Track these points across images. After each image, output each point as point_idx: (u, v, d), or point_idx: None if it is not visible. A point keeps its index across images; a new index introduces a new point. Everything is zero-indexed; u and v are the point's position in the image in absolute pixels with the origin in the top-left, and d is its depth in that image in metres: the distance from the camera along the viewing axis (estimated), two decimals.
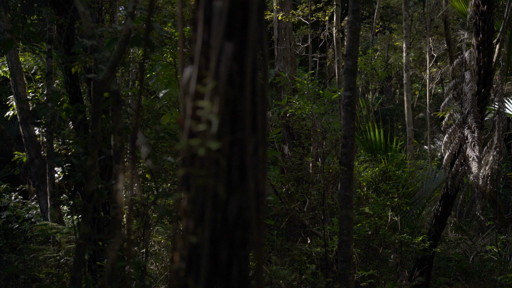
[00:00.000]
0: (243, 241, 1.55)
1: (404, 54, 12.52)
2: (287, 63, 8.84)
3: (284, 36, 8.90)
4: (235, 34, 1.60)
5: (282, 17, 8.74)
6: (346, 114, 5.10)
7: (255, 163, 1.61)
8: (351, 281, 4.95)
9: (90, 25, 3.60)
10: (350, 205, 5.05)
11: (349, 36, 5.16)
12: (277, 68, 8.89)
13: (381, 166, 7.30)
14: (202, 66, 1.60)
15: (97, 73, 3.48)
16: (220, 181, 1.53)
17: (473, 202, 6.85)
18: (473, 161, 6.57)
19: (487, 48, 6.28)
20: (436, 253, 8.83)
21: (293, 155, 7.74)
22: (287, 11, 8.79)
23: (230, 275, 1.53)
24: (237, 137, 1.57)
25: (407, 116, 11.92)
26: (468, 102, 6.51)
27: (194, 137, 1.55)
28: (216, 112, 1.53)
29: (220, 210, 1.53)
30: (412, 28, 21.70)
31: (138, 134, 1.85)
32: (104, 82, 3.29)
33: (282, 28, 8.90)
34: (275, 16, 8.93)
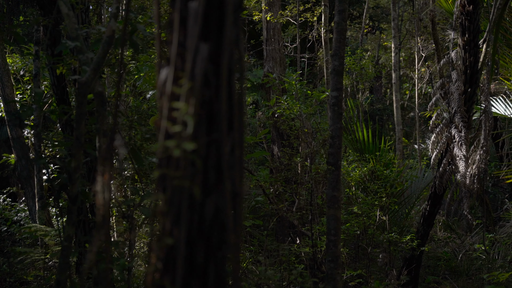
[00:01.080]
0: (219, 242, 1.55)
1: (393, 54, 12.56)
2: (276, 64, 8.84)
3: (273, 37, 8.90)
4: (211, 35, 1.60)
5: (271, 17, 8.74)
6: (333, 114, 5.11)
7: (231, 164, 1.61)
8: (339, 281, 4.96)
9: (74, 27, 3.59)
10: (337, 205, 5.05)
11: (336, 37, 5.17)
12: (266, 69, 8.89)
13: (369, 166, 7.32)
14: (178, 67, 1.60)
15: (81, 75, 3.48)
16: (196, 182, 1.53)
17: (460, 201, 6.87)
18: (460, 160, 6.60)
19: (473, 48, 6.31)
20: (425, 252, 8.87)
21: (282, 155, 7.75)
22: (275, 12, 8.79)
23: (207, 276, 1.53)
24: (213, 138, 1.57)
25: (396, 116, 11.95)
26: (455, 102, 6.54)
27: (170, 138, 1.55)
28: (191, 113, 1.53)
29: (197, 211, 1.53)
30: (402, 28, 21.78)
31: (116, 135, 1.84)
32: (88, 83, 3.28)
33: (271, 28, 8.90)
34: (264, 16, 8.93)
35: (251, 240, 7.22)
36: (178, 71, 1.59)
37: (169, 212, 1.53)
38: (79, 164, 3.28)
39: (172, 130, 1.53)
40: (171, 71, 1.60)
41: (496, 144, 11.84)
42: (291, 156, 7.16)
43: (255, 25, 10.53)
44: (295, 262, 6.26)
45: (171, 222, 1.53)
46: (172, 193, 1.53)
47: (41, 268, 6.66)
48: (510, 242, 8.38)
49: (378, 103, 19.88)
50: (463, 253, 8.36)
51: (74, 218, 3.29)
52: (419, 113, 14.02)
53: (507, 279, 5.80)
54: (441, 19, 14.88)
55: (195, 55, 1.57)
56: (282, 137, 8.31)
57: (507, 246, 8.23)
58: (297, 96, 6.90)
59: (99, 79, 4.02)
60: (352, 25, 23.09)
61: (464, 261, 8.15)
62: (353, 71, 13.60)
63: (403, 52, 22.66)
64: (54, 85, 5.83)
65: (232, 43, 1.63)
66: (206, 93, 1.57)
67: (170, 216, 1.53)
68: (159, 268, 1.52)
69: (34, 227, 6.97)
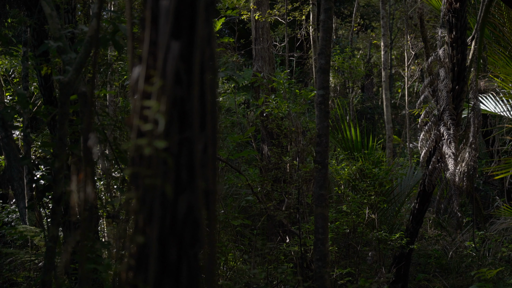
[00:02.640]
0: (192, 240, 1.55)
1: (382, 53, 12.58)
2: (265, 63, 8.84)
3: (261, 36, 8.91)
4: (182, 33, 1.60)
5: (259, 16, 8.74)
6: (320, 112, 5.12)
7: (204, 162, 1.61)
8: (327, 279, 4.97)
9: (56, 27, 3.58)
10: (325, 204, 5.06)
11: (322, 35, 5.17)
12: (255, 68, 8.89)
13: (358, 165, 7.33)
14: (150, 65, 1.59)
15: (63, 75, 3.47)
16: (168, 181, 1.53)
17: (450, 199, 6.89)
18: (449, 158, 6.62)
19: (461, 45, 6.33)
20: (415, 250, 8.90)
21: (272, 154, 7.76)
22: (264, 11, 8.78)
23: (180, 274, 1.53)
24: (185, 136, 1.57)
25: (386, 114, 11.98)
26: (443, 99, 6.56)
27: (143, 136, 1.55)
28: (163, 111, 1.53)
29: (169, 210, 1.53)
30: (394, 26, 21.83)
31: (90, 135, 1.84)
32: (70, 83, 3.27)
33: (260, 27, 8.90)
34: (253, 15, 8.93)
35: (242, 240, 7.22)
36: (150, 69, 1.59)
37: (141, 211, 1.52)
38: (62, 164, 3.28)
39: (144, 128, 1.53)
40: (143, 69, 1.59)
41: (486, 141, 11.89)
42: (280, 155, 7.17)
43: (245, 25, 10.53)
44: (284, 261, 6.26)
45: (144, 220, 1.52)
46: (144, 192, 1.53)
47: (30, 269, 6.64)
48: (500, 239, 8.41)
49: (368, 102, 19.91)
50: (453, 250, 8.38)
51: (59, 218, 3.28)
52: (409, 111, 14.07)
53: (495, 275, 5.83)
54: (432, 17, 14.92)
55: (166, 53, 1.57)
56: (271, 136, 8.31)
57: (497, 243, 8.26)
58: (286, 95, 6.91)
59: (83, 79, 4.01)
60: (343, 24, 23.12)
61: (454, 258, 8.18)
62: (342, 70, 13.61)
63: (395, 51, 22.70)
64: (42, 86, 5.81)
65: (204, 41, 1.62)
66: (178, 91, 1.56)
67: (143, 214, 1.52)
68: (132, 266, 1.52)
69: (23, 228, 6.95)
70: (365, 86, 21.26)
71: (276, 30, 11.97)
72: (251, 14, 9.04)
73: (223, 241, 6.07)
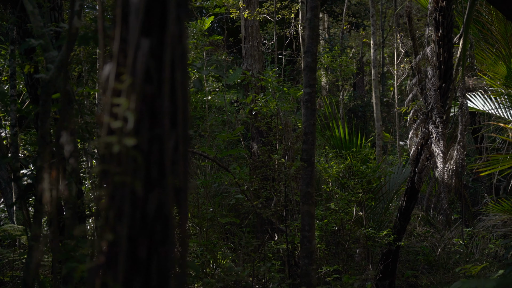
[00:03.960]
0: (163, 238, 1.55)
1: (372, 51, 12.62)
2: (255, 61, 8.84)
3: (251, 34, 8.90)
4: (153, 31, 1.60)
5: (248, 15, 8.73)
6: (306, 110, 5.12)
7: (175, 159, 1.61)
8: (314, 276, 4.98)
9: (39, 24, 3.58)
10: (311, 201, 5.07)
11: (308, 33, 5.18)
12: (244, 66, 8.88)
13: (346, 162, 7.35)
14: (121, 63, 1.60)
15: (45, 73, 3.46)
16: (138, 178, 1.53)
17: (439, 196, 6.92)
18: (438, 156, 6.65)
19: (447, 43, 6.36)
20: (404, 247, 8.94)
21: (261, 152, 7.76)
22: (253, 9, 8.78)
23: (150, 272, 1.53)
24: (155, 134, 1.57)
25: (375, 112, 12.01)
26: (431, 98, 6.58)
27: (113, 134, 1.55)
28: (132, 109, 1.53)
29: (139, 207, 1.54)
30: (386, 24, 21.87)
31: (62, 133, 1.84)
32: (52, 81, 3.26)
33: (249, 26, 8.90)
34: (242, 14, 8.92)
35: (232, 238, 7.23)
36: (120, 66, 1.59)
37: (111, 208, 1.53)
38: (51, 163, 3.27)
39: (114, 125, 1.53)
40: (113, 67, 1.59)
41: (475, 139, 11.95)
42: (269, 153, 7.18)
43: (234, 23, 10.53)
44: (272, 259, 6.27)
45: (114, 217, 1.53)
46: (114, 189, 1.53)
47: (18, 269, 6.63)
48: (488, 236, 8.46)
49: (359, 100, 19.94)
50: (441, 247, 8.43)
51: (41, 217, 3.27)
52: (397, 109, 14.11)
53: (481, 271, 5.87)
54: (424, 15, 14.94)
55: (136, 50, 1.57)
56: (261, 135, 8.32)
57: (485, 240, 8.31)
58: (274, 93, 6.91)
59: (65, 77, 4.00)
60: (335, 23, 23.15)
61: (441, 255, 8.22)
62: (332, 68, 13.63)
63: (387, 49, 22.76)
64: (28, 84, 5.79)
65: (175, 39, 1.63)
66: (148, 89, 1.57)
67: (112, 212, 1.53)
68: (102, 264, 1.52)
69: (10, 227, 6.93)
70: (356, 84, 21.29)
71: (266, 28, 11.99)
72: (240, 12, 9.04)
73: (211, 239, 6.07)
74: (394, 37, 18.76)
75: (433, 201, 7.07)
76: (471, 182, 11.97)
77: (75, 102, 3.97)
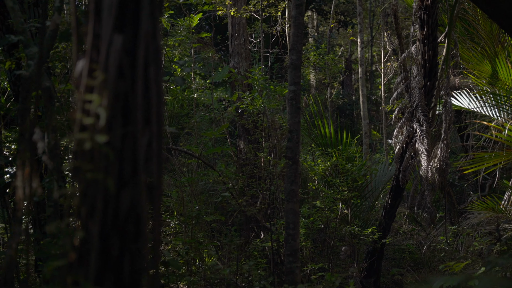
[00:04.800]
0: (135, 235, 1.54)
1: (359, 49, 12.65)
2: (242, 59, 8.83)
3: (238, 32, 8.88)
4: (127, 27, 1.59)
5: (235, 12, 8.72)
6: (291, 108, 5.12)
7: (149, 156, 1.60)
8: (298, 274, 4.98)
9: (19, 20, 3.54)
10: (296, 199, 5.07)
11: (293, 31, 5.17)
12: (231, 64, 8.87)
13: (332, 160, 7.36)
14: (94, 59, 1.58)
15: (26, 69, 3.43)
16: (111, 175, 1.52)
17: (423, 194, 6.95)
18: (422, 154, 6.67)
19: (432, 42, 6.38)
20: (390, 245, 8.97)
21: (248, 150, 7.76)
22: (240, 6, 8.76)
23: (122, 269, 1.52)
24: (128, 131, 1.56)
25: (362, 110, 12.04)
26: (416, 96, 6.60)
27: (85, 130, 1.54)
28: (105, 105, 1.52)
29: (112, 204, 1.52)
30: (375, 23, 21.93)
31: (35, 129, 1.82)
32: (32, 78, 3.23)
33: (236, 23, 8.88)
34: (229, 11, 8.91)
35: (218, 236, 7.22)
36: (93, 63, 1.57)
37: (83, 205, 1.51)
38: (24, 160, 3.24)
39: (86, 122, 1.52)
40: (86, 63, 1.58)
41: (461, 137, 12.01)
42: (255, 151, 7.18)
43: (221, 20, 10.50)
44: (258, 257, 6.27)
45: (86, 215, 1.51)
46: (86, 186, 1.52)
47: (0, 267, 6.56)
48: (473, 233, 8.51)
49: (347, 98, 19.99)
50: (427, 245, 8.46)
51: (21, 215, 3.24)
52: (382, 107, 14.16)
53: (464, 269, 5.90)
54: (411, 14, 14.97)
55: (109, 46, 1.55)
56: (248, 133, 8.31)
57: (470, 238, 8.35)
58: (260, 91, 6.91)
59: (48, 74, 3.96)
60: (324, 21, 23.16)
61: (426, 253, 8.26)
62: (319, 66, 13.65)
63: (376, 47, 22.81)
64: (11, 82, 5.74)
65: (149, 35, 1.61)
66: (121, 85, 1.55)
67: (84, 209, 1.51)
68: (73, 262, 1.51)
69: None
70: (344, 82, 21.33)
71: (253, 26, 11.98)
72: (227, 9, 9.02)
73: (197, 238, 6.05)
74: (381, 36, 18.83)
75: (417, 199, 7.08)
76: (457, 180, 12.03)
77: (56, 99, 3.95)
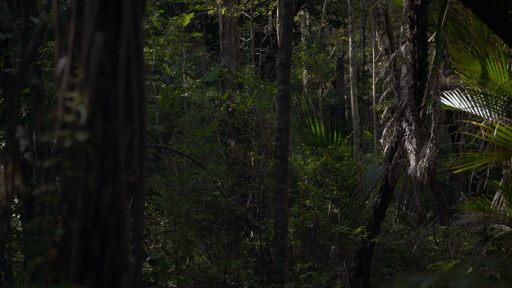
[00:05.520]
0: (116, 232, 1.54)
1: (350, 49, 12.68)
2: (233, 58, 8.83)
3: (228, 31, 8.88)
4: (108, 25, 1.59)
5: (225, 11, 8.72)
6: (280, 107, 5.13)
7: (130, 154, 1.60)
8: (286, 273, 4.99)
9: (7, 18, 3.53)
10: (284, 198, 5.08)
11: (283, 30, 5.19)
12: (222, 63, 8.87)
13: (322, 160, 7.38)
14: (76, 56, 1.58)
15: (14, 67, 3.42)
16: (92, 173, 1.52)
17: (411, 194, 6.99)
18: (411, 154, 6.70)
19: (422, 42, 6.41)
20: (381, 244, 8.99)
21: (238, 149, 7.76)
22: (230, 6, 8.77)
23: (102, 267, 1.52)
24: (110, 128, 1.56)
25: (353, 110, 12.07)
26: (405, 95, 6.63)
27: (67, 128, 1.54)
28: (86, 103, 1.52)
29: (93, 202, 1.52)
30: (367, 22, 21.96)
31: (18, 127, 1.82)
32: (19, 75, 3.22)
33: (227, 22, 8.88)
34: (219, 10, 8.90)
35: (208, 235, 7.21)
36: (75, 60, 1.57)
37: (63, 202, 1.51)
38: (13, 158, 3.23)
39: (66, 119, 1.52)
40: (68, 61, 1.58)
41: (452, 137, 12.06)
42: (246, 150, 7.18)
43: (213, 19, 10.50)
44: (247, 255, 6.28)
45: (66, 212, 1.51)
46: (67, 183, 1.52)
47: None
48: (463, 233, 8.54)
49: (339, 98, 20.01)
50: (417, 245, 8.49)
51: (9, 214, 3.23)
52: (372, 106, 14.21)
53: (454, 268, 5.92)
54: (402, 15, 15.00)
55: (90, 44, 1.55)
56: (238, 132, 8.31)
57: (460, 237, 8.38)
58: (250, 89, 6.91)
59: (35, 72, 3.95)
60: (316, 20, 23.17)
61: (416, 252, 8.29)
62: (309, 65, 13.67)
63: (369, 47, 22.84)
64: (1, 80, 5.72)
65: (131, 33, 1.62)
66: (102, 83, 1.55)
67: (65, 206, 1.51)
68: (54, 259, 1.51)
69: None
70: (336, 82, 21.36)
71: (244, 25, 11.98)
72: (218, 8, 9.01)
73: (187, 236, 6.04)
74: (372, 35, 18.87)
75: (405, 198, 7.12)
76: (448, 180, 12.07)
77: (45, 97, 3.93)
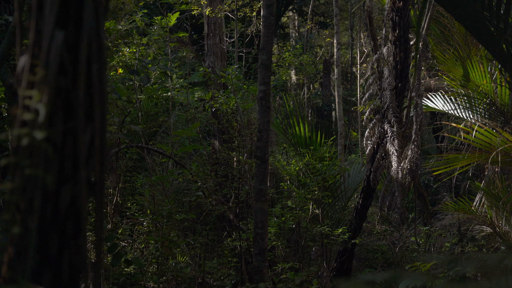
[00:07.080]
0: (75, 231, 1.54)
1: (335, 50, 12.73)
2: (217, 58, 8.82)
3: (213, 31, 8.88)
4: (69, 23, 1.58)
5: (210, 12, 8.71)
6: (261, 108, 5.13)
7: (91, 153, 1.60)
8: (266, 273, 5.00)
9: None
10: (264, 198, 5.08)
11: (264, 31, 5.19)
12: (206, 64, 8.86)
13: (304, 160, 7.39)
14: (36, 55, 1.57)
15: None
16: (51, 171, 1.51)
17: (393, 195, 7.02)
18: (392, 155, 6.74)
19: (404, 43, 6.45)
20: (363, 245, 9.03)
21: (222, 150, 7.76)
22: (215, 6, 8.76)
23: (61, 266, 1.52)
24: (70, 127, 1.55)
25: (338, 111, 12.11)
26: (387, 97, 6.67)
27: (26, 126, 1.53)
28: (45, 102, 1.51)
29: (51, 200, 1.52)
30: (355, 24, 22.04)
31: None
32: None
33: (212, 23, 8.88)
34: (204, 11, 8.90)
35: (191, 235, 7.20)
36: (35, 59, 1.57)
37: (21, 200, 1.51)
38: None
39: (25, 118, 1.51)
40: (28, 59, 1.57)
41: (436, 138, 12.15)
42: (228, 150, 7.18)
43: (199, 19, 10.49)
44: (228, 256, 6.28)
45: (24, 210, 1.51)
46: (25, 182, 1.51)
47: None
48: (445, 234, 8.60)
49: (325, 99, 20.07)
50: (399, 246, 8.54)
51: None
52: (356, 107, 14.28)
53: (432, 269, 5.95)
54: None
55: (50, 42, 1.55)
56: (222, 132, 8.30)
57: (442, 238, 8.44)
58: (234, 90, 6.91)
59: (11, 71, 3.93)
60: (304, 22, 23.22)
61: (398, 253, 8.34)
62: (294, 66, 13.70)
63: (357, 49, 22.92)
64: None
65: (92, 32, 1.61)
66: (62, 82, 1.55)
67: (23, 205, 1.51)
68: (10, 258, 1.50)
69: None
70: (323, 84, 21.42)
71: (229, 26, 11.98)
72: (202, 9, 9.00)
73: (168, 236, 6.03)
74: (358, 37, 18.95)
75: (387, 199, 7.15)
76: (432, 182, 12.15)
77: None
